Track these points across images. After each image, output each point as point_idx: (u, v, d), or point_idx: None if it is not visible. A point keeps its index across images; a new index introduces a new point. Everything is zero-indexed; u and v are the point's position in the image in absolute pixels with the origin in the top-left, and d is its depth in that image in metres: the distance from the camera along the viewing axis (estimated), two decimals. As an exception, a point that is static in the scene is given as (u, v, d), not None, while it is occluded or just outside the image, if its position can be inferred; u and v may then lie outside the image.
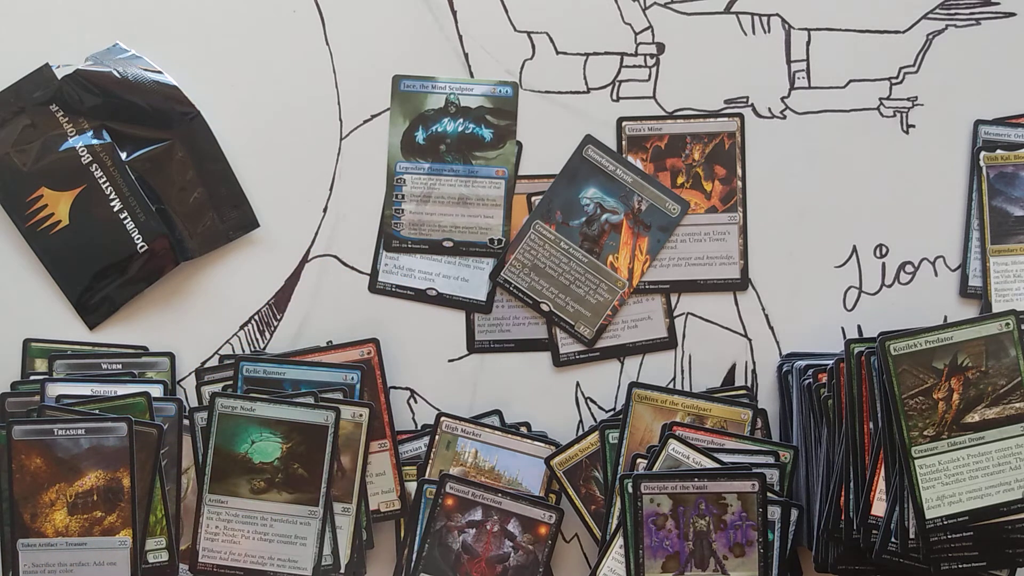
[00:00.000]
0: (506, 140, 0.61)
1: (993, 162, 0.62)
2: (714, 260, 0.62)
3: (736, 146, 0.62)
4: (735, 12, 0.62)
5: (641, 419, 0.61)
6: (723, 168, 0.62)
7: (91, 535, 0.58)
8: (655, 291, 0.62)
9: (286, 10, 0.61)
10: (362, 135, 0.62)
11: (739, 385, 0.63)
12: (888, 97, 0.62)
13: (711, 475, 0.57)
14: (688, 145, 0.62)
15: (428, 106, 0.61)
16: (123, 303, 0.61)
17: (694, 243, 0.62)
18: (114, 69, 0.58)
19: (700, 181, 0.62)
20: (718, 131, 0.62)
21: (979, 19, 0.63)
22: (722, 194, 0.62)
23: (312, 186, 0.62)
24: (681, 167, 0.62)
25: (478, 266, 0.62)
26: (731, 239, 0.62)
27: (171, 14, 0.61)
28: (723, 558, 0.57)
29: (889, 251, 0.63)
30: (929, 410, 0.57)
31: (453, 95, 0.61)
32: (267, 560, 0.59)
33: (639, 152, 0.62)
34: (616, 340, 0.63)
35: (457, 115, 0.61)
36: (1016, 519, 0.57)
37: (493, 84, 0.61)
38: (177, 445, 0.60)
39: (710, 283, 0.63)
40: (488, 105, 0.61)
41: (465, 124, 0.61)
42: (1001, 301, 0.62)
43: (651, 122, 0.62)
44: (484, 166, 0.61)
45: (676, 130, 0.62)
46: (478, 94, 0.61)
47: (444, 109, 0.61)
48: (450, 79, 0.61)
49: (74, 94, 0.58)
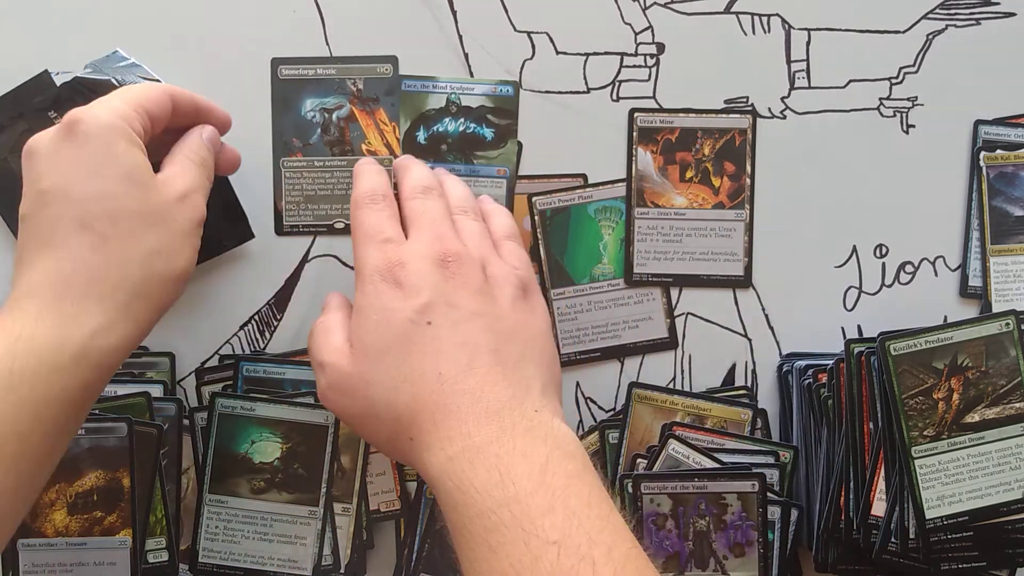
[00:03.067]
0: (507, 139, 0.61)
1: (993, 162, 0.62)
2: (719, 256, 0.62)
3: (747, 143, 0.62)
4: (735, 12, 0.62)
5: (641, 419, 0.61)
6: (733, 164, 0.62)
7: (91, 535, 0.58)
8: (657, 284, 0.62)
9: (286, 10, 0.61)
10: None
11: (739, 385, 0.63)
12: (888, 97, 0.62)
13: (711, 475, 0.58)
14: (699, 140, 0.62)
15: (429, 106, 0.61)
16: None
17: (699, 238, 0.62)
18: (113, 77, 0.58)
19: (709, 176, 0.62)
20: (729, 127, 0.62)
21: (979, 19, 0.63)
22: (730, 190, 0.62)
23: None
24: (691, 161, 0.62)
25: None
26: (737, 236, 0.62)
27: (171, 15, 0.61)
28: (723, 558, 0.57)
29: (889, 251, 0.63)
30: (929, 410, 0.57)
31: (454, 95, 0.61)
32: (267, 560, 0.59)
33: (649, 144, 0.62)
34: (617, 340, 0.63)
35: (458, 115, 0.61)
36: (1016, 519, 0.57)
37: (494, 84, 0.61)
38: (177, 445, 0.60)
39: (713, 279, 0.62)
40: (489, 104, 0.61)
41: (466, 124, 0.61)
42: (1001, 301, 0.62)
43: (663, 115, 0.62)
44: (486, 165, 0.61)
45: (688, 124, 0.62)
46: (479, 94, 0.61)
47: (445, 109, 0.61)
48: (451, 79, 0.61)
49: (73, 101, 0.58)
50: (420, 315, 0.49)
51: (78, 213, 0.49)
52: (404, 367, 0.49)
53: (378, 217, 0.53)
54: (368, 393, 0.50)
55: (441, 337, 0.49)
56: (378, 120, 0.61)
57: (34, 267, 0.49)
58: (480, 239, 0.54)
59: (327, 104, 0.61)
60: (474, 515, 0.44)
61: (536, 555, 0.42)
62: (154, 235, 0.51)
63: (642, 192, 0.62)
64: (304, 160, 0.61)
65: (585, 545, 0.42)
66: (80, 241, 0.49)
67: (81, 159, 0.50)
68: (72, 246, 0.49)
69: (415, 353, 0.49)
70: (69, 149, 0.50)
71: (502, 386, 0.48)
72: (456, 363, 0.48)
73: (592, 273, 0.63)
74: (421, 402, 0.48)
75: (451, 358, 0.49)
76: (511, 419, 0.47)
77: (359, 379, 0.50)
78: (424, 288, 0.50)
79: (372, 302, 0.51)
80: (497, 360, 0.49)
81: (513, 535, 0.43)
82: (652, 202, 0.62)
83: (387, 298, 0.50)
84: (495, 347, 0.49)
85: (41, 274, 0.49)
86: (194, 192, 0.53)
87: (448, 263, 0.51)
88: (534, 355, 0.51)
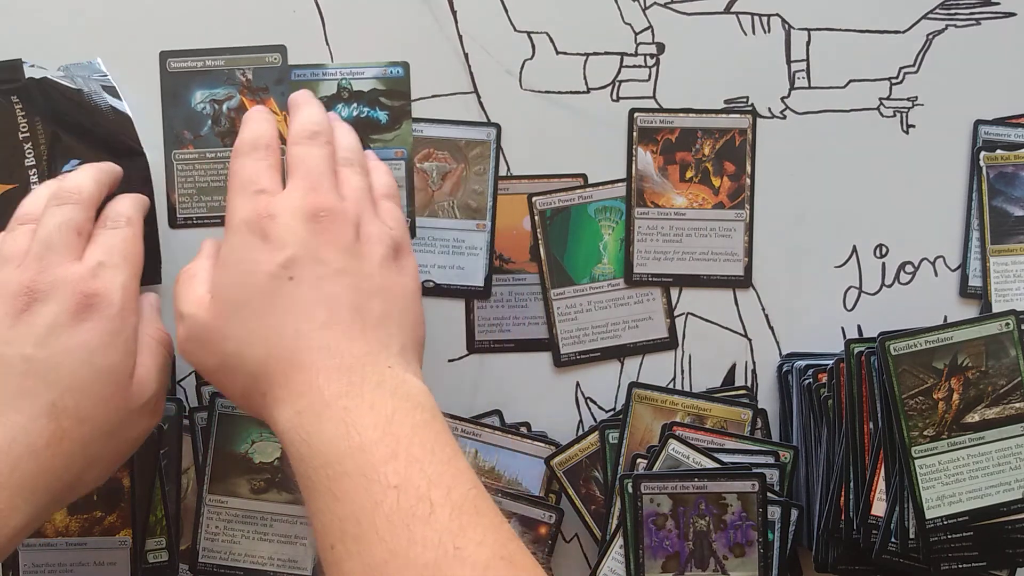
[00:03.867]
0: (402, 121, 0.61)
1: (993, 162, 0.62)
2: (719, 256, 0.62)
3: (747, 143, 0.62)
4: (735, 12, 0.62)
5: (641, 419, 0.61)
6: (733, 164, 0.62)
7: (91, 535, 0.58)
8: (657, 284, 0.62)
9: (286, 10, 0.61)
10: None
11: (739, 385, 0.63)
12: (888, 97, 0.62)
13: (711, 475, 0.57)
14: (699, 140, 0.62)
15: (321, 93, 0.61)
16: None
17: (699, 238, 0.62)
18: (83, 87, 0.58)
19: (709, 176, 0.62)
20: (729, 127, 0.62)
21: (979, 19, 0.63)
22: (730, 190, 0.62)
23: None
24: (691, 161, 0.62)
25: (472, 252, 0.62)
26: (737, 236, 0.62)
27: (171, 15, 0.61)
28: (723, 558, 0.57)
29: (889, 251, 0.63)
30: (929, 410, 0.57)
31: (345, 80, 0.61)
32: (267, 560, 0.59)
33: (649, 144, 0.62)
34: (617, 340, 0.63)
35: (350, 100, 0.61)
36: (1016, 519, 0.57)
37: (384, 66, 0.61)
38: (177, 445, 0.59)
39: (713, 279, 0.62)
40: (381, 87, 0.61)
41: (359, 108, 0.61)
42: (1001, 301, 0.62)
43: (663, 115, 0.62)
44: (382, 148, 0.61)
45: (688, 124, 0.62)
46: (369, 77, 0.61)
47: (337, 95, 0.61)
48: (340, 64, 0.61)
49: (37, 96, 0.58)
50: (283, 269, 0.49)
51: (54, 399, 0.48)
52: (261, 323, 0.48)
53: (255, 167, 0.52)
54: (224, 347, 0.49)
55: (303, 293, 0.48)
56: (269, 109, 0.61)
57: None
58: (360, 194, 0.53)
59: (217, 95, 0.60)
60: (319, 465, 0.45)
61: (377, 500, 0.43)
62: (108, 444, 0.50)
63: (642, 192, 0.62)
64: (196, 152, 0.60)
65: (424, 487, 0.43)
66: (40, 428, 0.48)
67: (84, 341, 0.49)
68: (30, 430, 0.47)
69: (275, 308, 0.48)
70: (76, 324, 0.49)
71: (359, 343, 0.48)
72: (313, 319, 0.48)
73: (592, 273, 0.63)
74: (275, 358, 0.48)
75: (309, 314, 0.48)
76: (362, 374, 0.47)
77: (216, 332, 0.49)
78: (290, 242, 0.49)
79: (236, 254, 0.50)
80: (357, 317, 0.49)
81: (355, 483, 0.43)
82: (652, 202, 0.62)
83: (252, 251, 0.49)
84: (357, 305, 0.49)
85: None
86: (161, 395, 0.53)
87: (320, 218, 0.50)
88: (396, 315, 0.50)
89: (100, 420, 0.49)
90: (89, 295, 0.49)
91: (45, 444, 0.48)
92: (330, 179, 0.52)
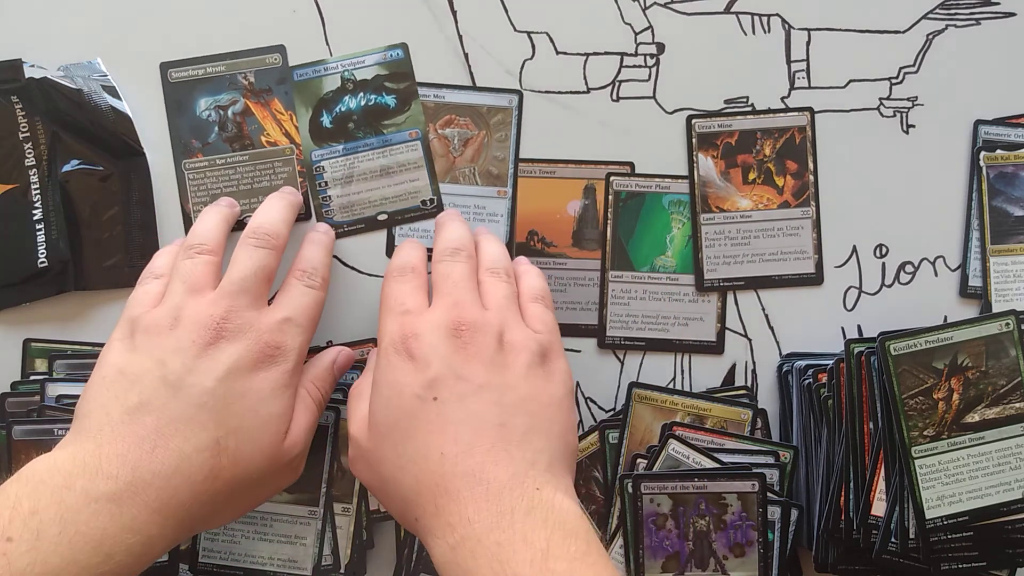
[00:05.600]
0: (410, 102, 0.61)
1: (993, 162, 0.62)
2: (788, 255, 0.62)
3: (807, 140, 0.62)
4: (735, 12, 0.62)
5: (641, 419, 0.61)
6: (794, 163, 0.62)
7: (91, 535, 0.58)
8: (729, 288, 0.62)
9: (286, 10, 0.61)
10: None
11: (739, 385, 0.63)
12: (888, 97, 0.62)
13: (711, 475, 0.58)
14: (759, 141, 0.62)
15: (326, 89, 0.61)
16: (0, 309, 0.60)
17: (768, 239, 0.62)
18: (83, 87, 0.58)
19: (772, 176, 0.62)
20: (788, 126, 0.62)
21: (979, 19, 0.63)
22: (794, 189, 0.62)
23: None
24: (752, 163, 0.62)
25: (492, 219, 0.62)
26: (805, 233, 0.62)
27: (170, 15, 0.61)
28: (723, 558, 0.57)
29: (889, 251, 0.63)
30: (929, 410, 0.57)
31: (347, 72, 0.61)
32: (267, 560, 0.59)
33: (710, 149, 0.62)
34: (664, 334, 0.62)
35: (356, 90, 0.61)
36: (1016, 519, 0.57)
37: (382, 50, 0.61)
38: (177, 445, 0.59)
39: (785, 279, 0.62)
40: (384, 72, 0.61)
41: (366, 96, 0.61)
42: (1001, 301, 0.62)
43: (720, 119, 0.62)
44: (396, 132, 0.61)
45: (746, 126, 0.62)
46: (371, 64, 0.61)
47: (342, 88, 0.61)
48: (339, 57, 0.61)
49: (38, 96, 0.58)
50: (427, 390, 0.49)
51: (219, 437, 0.49)
52: (409, 446, 0.49)
53: (401, 289, 0.53)
54: (380, 470, 0.50)
55: (446, 414, 0.49)
56: (274, 111, 0.61)
57: (142, 446, 0.48)
58: (504, 302, 0.53)
59: (221, 101, 0.60)
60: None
61: None
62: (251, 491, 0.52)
63: (706, 198, 0.62)
64: (205, 160, 0.60)
65: None
66: (202, 461, 0.49)
67: (257, 389, 0.51)
68: (193, 460, 0.49)
69: (420, 431, 0.49)
70: (254, 371, 0.51)
71: (503, 464, 0.47)
72: (457, 441, 0.48)
73: (653, 263, 0.62)
74: (423, 483, 0.48)
75: (453, 436, 0.48)
76: (511, 501, 0.46)
77: (372, 454, 0.51)
78: (434, 360, 0.50)
79: (386, 376, 0.51)
80: (501, 435, 0.48)
81: None
82: (717, 207, 0.62)
83: (399, 372, 0.50)
84: (501, 421, 0.49)
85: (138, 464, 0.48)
86: (304, 455, 0.54)
87: (461, 332, 0.50)
88: (543, 426, 0.50)
89: (253, 467, 0.50)
90: (272, 346, 0.51)
91: (203, 478, 0.49)
92: (472, 292, 0.53)
